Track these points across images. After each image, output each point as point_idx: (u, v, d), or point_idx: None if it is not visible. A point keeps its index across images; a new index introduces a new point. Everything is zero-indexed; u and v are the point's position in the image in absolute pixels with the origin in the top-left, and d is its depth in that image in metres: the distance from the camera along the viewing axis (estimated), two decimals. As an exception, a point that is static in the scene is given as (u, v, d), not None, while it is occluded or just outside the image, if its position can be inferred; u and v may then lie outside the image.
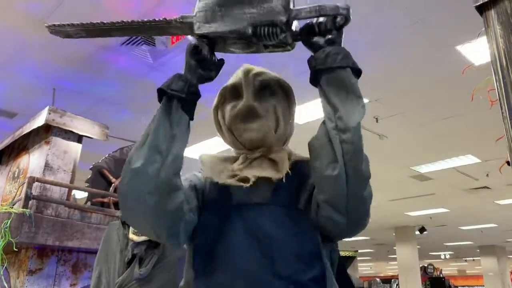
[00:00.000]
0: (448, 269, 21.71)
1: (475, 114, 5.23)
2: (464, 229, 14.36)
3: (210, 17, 1.05)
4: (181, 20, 1.09)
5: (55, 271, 2.98)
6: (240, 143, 1.17)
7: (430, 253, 21.63)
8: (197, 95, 1.06)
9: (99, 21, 1.12)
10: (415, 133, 6.00)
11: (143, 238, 1.96)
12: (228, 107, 1.17)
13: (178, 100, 1.02)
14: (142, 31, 1.16)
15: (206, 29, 1.05)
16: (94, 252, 2.23)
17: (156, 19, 1.11)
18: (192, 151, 5.40)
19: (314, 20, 1.04)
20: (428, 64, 4.26)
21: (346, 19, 1.01)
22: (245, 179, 1.08)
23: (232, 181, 1.08)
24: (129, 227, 2.04)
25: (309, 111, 4.85)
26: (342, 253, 3.11)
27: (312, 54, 1.04)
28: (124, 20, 1.13)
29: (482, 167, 7.33)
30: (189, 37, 1.12)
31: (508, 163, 1.29)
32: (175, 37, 3.39)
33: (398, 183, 8.63)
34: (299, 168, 1.12)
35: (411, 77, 4.53)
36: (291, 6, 1.02)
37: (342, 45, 1.03)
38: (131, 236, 1.99)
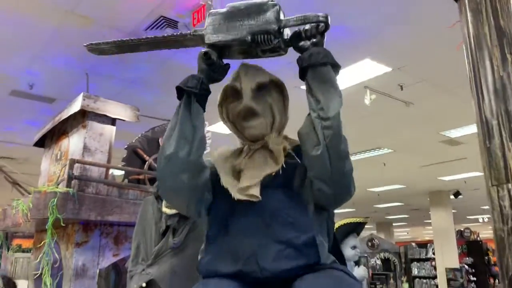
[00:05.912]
0: (486, 233, 21.36)
1: (503, 77, 5.11)
2: (501, 191, 14.03)
3: (217, 29, 1.28)
4: (194, 33, 1.35)
5: (99, 243, 3.23)
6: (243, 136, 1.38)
7: (468, 217, 21.28)
8: (208, 91, 1.29)
9: (128, 38, 1.41)
10: (442, 99, 5.92)
11: (174, 210, 2.07)
12: (230, 106, 1.38)
13: (194, 95, 1.24)
14: (164, 44, 1.42)
15: (214, 39, 1.28)
16: (132, 225, 2.41)
17: (175, 33, 1.38)
18: (218, 127, 5.57)
19: (302, 27, 1.25)
20: (451, 29, 4.19)
21: (326, 26, 1.22)
22: (253, 196, 1.24)
23: (241, 197, 1.25)
24: (162, 201, 2.16)
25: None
26: (353, 220, 3.24)
27: (300, 55, 1.26)
28: (149, 36, 1.42)
29: (514, 128, 7.14)
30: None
31: None
32: (196, 20, 3.51)
33: (429, 149, 8.53)
34: (293, 156, 1.32)
35: (433, 44, 4.47)
36: (282, 17, 1.25)
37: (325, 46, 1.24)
38: (164, 209, 2.12)
